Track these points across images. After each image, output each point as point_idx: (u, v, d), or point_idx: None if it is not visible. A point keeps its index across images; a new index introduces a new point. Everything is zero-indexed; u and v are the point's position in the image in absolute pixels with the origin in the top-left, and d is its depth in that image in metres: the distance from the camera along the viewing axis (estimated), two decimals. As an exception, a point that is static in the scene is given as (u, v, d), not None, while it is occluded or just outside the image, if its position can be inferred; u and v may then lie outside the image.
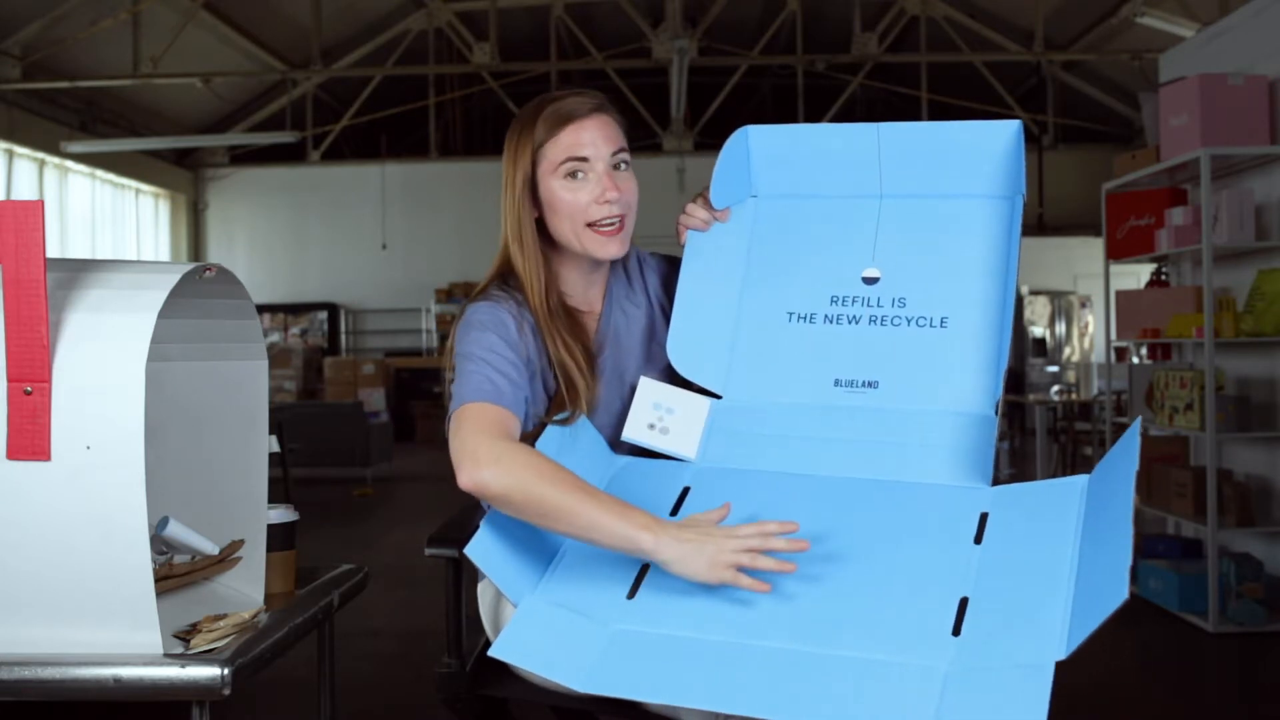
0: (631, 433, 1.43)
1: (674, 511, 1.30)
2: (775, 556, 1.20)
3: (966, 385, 1.37)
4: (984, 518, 1.24)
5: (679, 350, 1.50)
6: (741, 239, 1.55)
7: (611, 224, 1.51)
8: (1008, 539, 1.20)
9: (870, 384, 1.40)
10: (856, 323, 1.43)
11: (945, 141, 1.47)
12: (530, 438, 1.41)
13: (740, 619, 1.16)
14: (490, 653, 1.06)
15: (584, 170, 1.51)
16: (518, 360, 1.44)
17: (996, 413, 1.36)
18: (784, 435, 1.39)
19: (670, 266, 1.67)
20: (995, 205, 1.45)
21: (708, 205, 1.58)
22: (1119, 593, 1.01)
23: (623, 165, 1.54)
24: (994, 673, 1.05)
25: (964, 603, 1.13)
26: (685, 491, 1.34)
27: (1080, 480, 1.24)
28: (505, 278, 1.55)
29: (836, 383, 1.41)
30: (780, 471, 1.35)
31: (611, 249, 1.53)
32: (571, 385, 1.48)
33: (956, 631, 1.10)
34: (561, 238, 1.54)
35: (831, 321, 1.44)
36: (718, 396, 1.46)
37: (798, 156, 1.54)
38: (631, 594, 1.21)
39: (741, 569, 1.19)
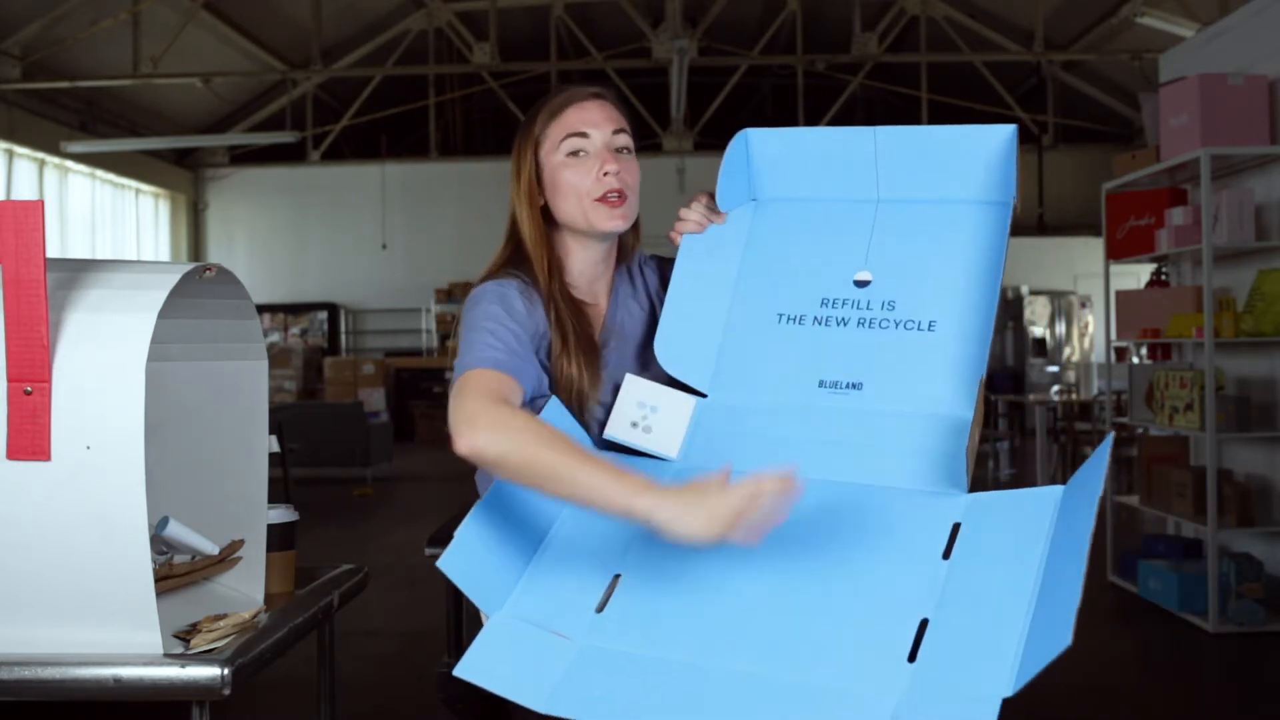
0: (614, 430, 1.42)
1: None
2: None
3: (946, 388, 1.36)
4: (955, 529, 1.22)
5: (666, 349, 1.50)
6: (737, 242, 1.55)
7: (614, 196, 1.52)
8: (976, 555, 1.17)
9: (854, 385, 1.39)
10: (845, 325, 1.43)
11: (940, 145, 1.47)
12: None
13: (705, 636, 1.15)
14: (455, 673, 1.06)
15: (585, 148, 1.52)
16: (522, 333, 1.43)
17: (972, 413, 1.34)
18: (764, 435, 1.38)
19: (667, 268, 1.68)
20: (986, 210, 1.45)
21: (710, 208, 1.58)
22: (1063, 638, 0.94)
23: (625, 151, 1.54)
24: (942, 705, 1.03)
25: (923, 625, 1.11)
26: None
27: (1055, 491, 1.20)
28: (513, 262, 1.55)
29: (821, 384, 1.40)
30: (758, 473, 1.34)
31: (616, 222, 1.53)
32: (567, 375, 1.48)
33: (912, 657, 1.08)
34: (567, 217, 1.54)
35: (821, 324, 1.44)
36: (704, 395, 1.46)
37: (796, 159, 1.54)
38: (600, 607, 1.20)
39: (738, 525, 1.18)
